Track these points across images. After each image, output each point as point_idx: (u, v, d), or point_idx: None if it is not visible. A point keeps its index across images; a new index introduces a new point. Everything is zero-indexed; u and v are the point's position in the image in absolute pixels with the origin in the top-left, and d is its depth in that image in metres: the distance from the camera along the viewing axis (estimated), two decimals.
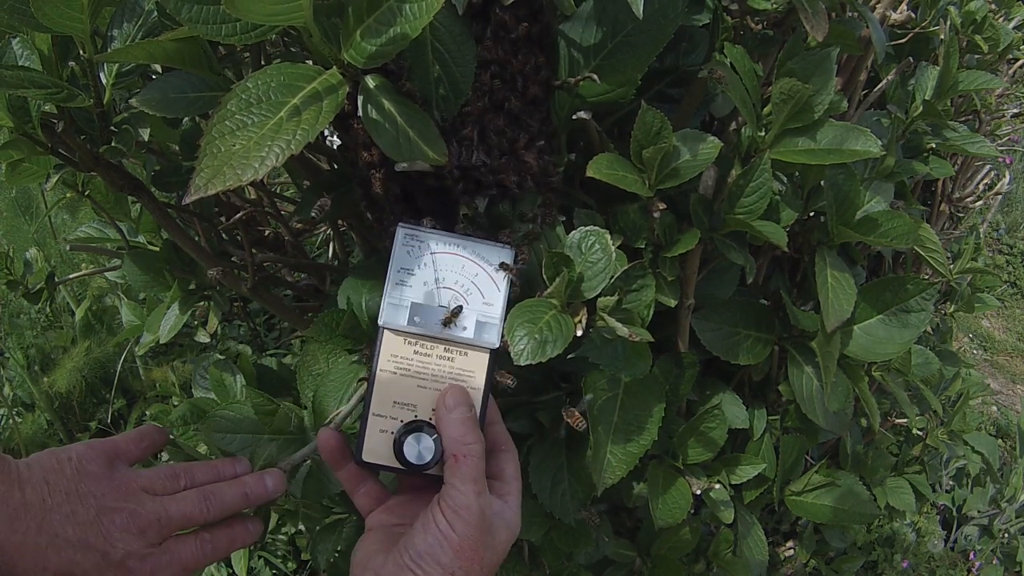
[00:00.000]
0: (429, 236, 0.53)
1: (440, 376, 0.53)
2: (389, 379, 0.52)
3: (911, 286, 0.76)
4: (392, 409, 0.52)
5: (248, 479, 0.55)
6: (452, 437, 0.49)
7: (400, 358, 0.52)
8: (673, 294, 0.67)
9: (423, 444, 0.50)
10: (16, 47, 0.53)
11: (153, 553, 0.48)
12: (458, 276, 0.53)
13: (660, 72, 0.67)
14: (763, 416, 0.89)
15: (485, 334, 0.53)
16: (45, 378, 1.59)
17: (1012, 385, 2.55)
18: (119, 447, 0.53)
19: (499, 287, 0.53)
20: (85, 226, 0.95)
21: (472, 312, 0.53)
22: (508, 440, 0.55)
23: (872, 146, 0.61)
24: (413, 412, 0.52)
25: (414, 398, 0.52)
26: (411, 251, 0.52)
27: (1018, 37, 0.91)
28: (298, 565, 1.45)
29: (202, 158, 0.37)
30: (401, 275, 0.52)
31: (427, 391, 0.52)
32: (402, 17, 0.39)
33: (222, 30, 0.41)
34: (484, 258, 0.53)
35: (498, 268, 0.53)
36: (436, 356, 0.53)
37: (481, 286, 0.53)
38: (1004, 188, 1.27)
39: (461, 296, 0.53)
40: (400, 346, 0.52)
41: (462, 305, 0.53)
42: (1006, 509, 1.70)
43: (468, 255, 0.53)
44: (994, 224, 3.15)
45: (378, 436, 0.52)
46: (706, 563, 0.95)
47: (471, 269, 0.53)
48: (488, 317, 0.53)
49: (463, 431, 0.49)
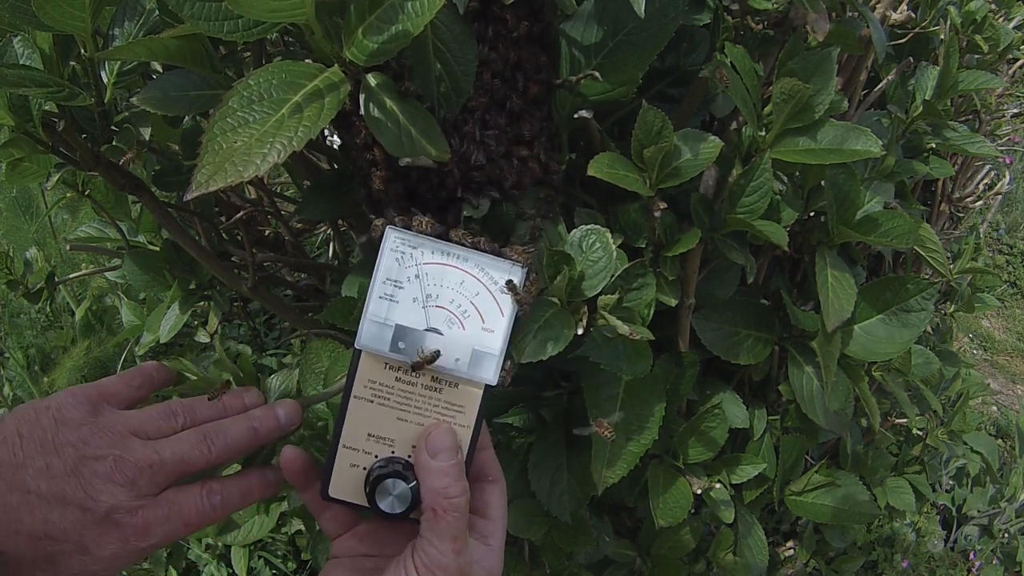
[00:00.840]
0: (424, 243, 0.44)
1: (424, 409, 0.45)
2: (364, 409, 0.45)
3: (911, 286, 0.76)
4: (366, 443, 0.45)
5: (257, 412, 0.47)
6: (433, 488, 0.42)
7: (379, 385, 0.45)
8: (674, 293, 0.67)
9: (398, 491, 0.44)
10: (17, 46, 0.53)
11: (145, 505, 0.41)
12: (455, 294, 0.45)
13: (661, 72, 0.67)
14: (763, 416, 0.89)
15: (481, 368, 0.45)
16: (45, 378, 1.59)
17: (1012, 385, 2.55)
18: (107, 389, 0.45)
19: (503, 311, 0.45)
20: (85, 226, 0.95)
21: (468, 339, 0.45)
22: (497, 469, 0.49)
23: (872, 146, 0.61)
24: (390, 448, 0.45)
25: (392, 432, 0.45)
26: (401, 259, 0.44)
27: (1018, 37, 0.91)
28: (298, 565, 1.45)
29: (203, 155, 0.37)
30: (387, 287, 0.44)
31: (408, 425, 0.45)
32: (404, 15, 0.39)
33: (224, 27, 0.41)
34: (488, 275, 0.45)
35: (504, 289, 0.45)
36: (421, 386, 0.45)
37: (482, 308, 0.45)
38: (1004, 188, 1.28)
39: (457, 319, 0.45)
40: (379, 371, 0.45)
41: (439, 350, 0.44)
42: (1006, 509, 1.70)
43: (469, 269, 0.45)
44: (994, 224, 3.16)
45: (348, 471, 0.45)
46: (706, 563, 0.95)
47: (471, 287, 0.45)
48: (486, 347, 0.45)
49: (445, 483, 0.42)
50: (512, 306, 0.45)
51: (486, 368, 0.45)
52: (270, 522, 1.01)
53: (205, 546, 1.45)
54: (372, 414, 0.45)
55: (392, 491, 0.44)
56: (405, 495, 0.44)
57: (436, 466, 0.43)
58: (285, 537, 1.44)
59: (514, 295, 0.45)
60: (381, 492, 0.44)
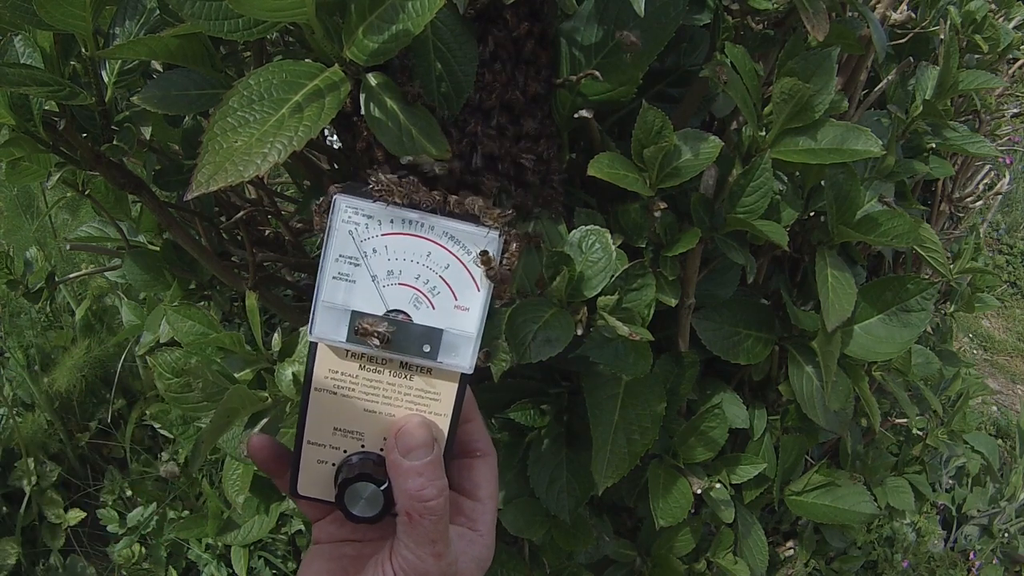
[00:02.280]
0: (381, 212, 0.38)
1: (394, 399, 0.41)
2: (327, 401, 0.41)
3: (911, 286, 0.76)
4: (332, 437, 0.41)
5: None
6: (406, 491, 0.38)
7: (341, 375, 0.40)
8: (674, 293, 0.67)
9: (368, 495, 0.40)
10: (18, 45, 0.53)
11: None
12: (421, 268, 0.39)
13: (661, 72, 0.67)
14: (763, 416, 0.89)
15: (454, 353, 0.40)
16: (45, 378, 1.59)
17: (1012, 385, 2.55)
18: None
19: (478, 285, 0.39)
20: (85, 225, 0.95)
21: (438, 320, 0.39)
22: (486, 441, 0.45)
23: (873, 146, 0.61)
24: (359, 442, 0.41)
25: (360, 424, 0.41)
26: (355, 231, 0.38)
27: (1018, 37, 0.91)
28: (298, 565, 1.45)
29: (204, 154, 0.37)
30: (342, 266, 0.38)
31: (377, 416, 0.41)
32: (404, 14, 0.39)
33: (225, 26, 0.41)
34: (459, 244, 0.39)
35: (477, 259, 0.39)
36: (390, 372, 0.40)
37: (453, 283, 0.39)
38: (1004, 188, 1.28)
39: (424, 297, 0.39)
40: (341, 360, 0.40)
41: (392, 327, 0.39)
42: (1006, 508, 1.70)
43: (437, 239, 0.39)
44: (994, 224, 3.16)
45: (316, 467, 0.42)
46: (706, 563, 0.95)
47: (440, 258, 0.39)
48: (460, 328, 0.39)
49: (420, 484, 0.38)
50: (488, 284, 0.39)
51: (461, 354, 0.40)
52: (270, 522, 1.01)
53: (205, 546, 1.45)
54: (336, 406, 0.41)
55: (362, 495, 0.40)
56: (376, 499, 0.40)
57: (408, 466, 0.39)
58: (285, 537, 1.44)
59: (487, 269, 0.39)
60: (351, 496, 0.40)
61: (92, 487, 1.60)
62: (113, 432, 1.66)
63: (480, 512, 0.44)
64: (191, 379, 0.55)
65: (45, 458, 1.55)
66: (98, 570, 1.48)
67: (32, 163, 0.66)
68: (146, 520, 1.48)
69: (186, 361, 0.58)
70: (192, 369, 0.55)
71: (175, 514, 1.51)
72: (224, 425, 0.52)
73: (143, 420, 1.62)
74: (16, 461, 1.49)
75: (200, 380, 0.55)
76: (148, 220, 0.88)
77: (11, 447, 1.50)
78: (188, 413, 0.60)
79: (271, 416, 0.55)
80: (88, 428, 1.65)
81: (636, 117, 0.57)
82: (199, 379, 0.55)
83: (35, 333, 1.66)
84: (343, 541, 0.45)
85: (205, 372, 0.55)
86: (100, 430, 1.66)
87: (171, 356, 0.59)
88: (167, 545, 1.47)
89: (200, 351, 0.59)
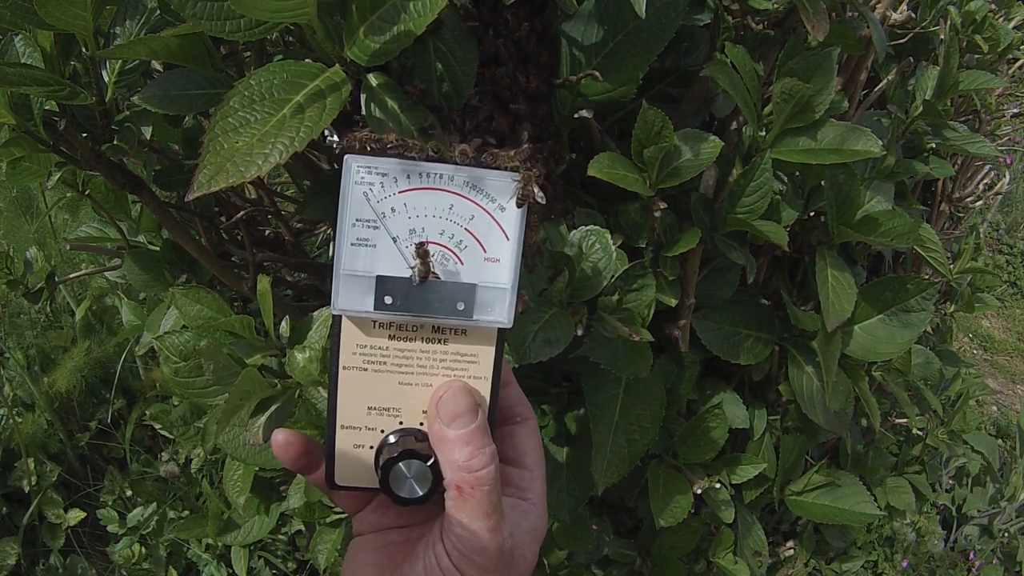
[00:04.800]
0: (396, 166, 0.35)
1: (429, 367, 0.38)
2: (357, 379, 0.38)
3: (911, 286, 0.76)
4: (367, 418, 0.39)
5: None
6: (454, 463, 0.36)
7: (370, 349, 0.38)
8: (674, 294, 0.67)
9: (414, 472, 0.37)
10: (18, 44, 0.53)
11: None
12: (444, 223, 0.36)
13: (661, 72, 0.67)
14: (763, 416, 0.89)
15: (490, 309, 0.37)
16: (45, 378, 1.59)
17: (1012, 385, 2.55)
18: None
19: (507, 233, 0.37)
20: (85, 225, 0.96)
21: (470, 275, 0.37)
22: (526, 405, 0.43)
23: (873, 146, 0.61)
24: (397, 419, 0.39)
25: (395, 400, 0.39)
26: (370, 192, 0.35)
27: (1018, 37, 0.91)
28: (298, 565, 1.45)
29: (205, 155, 0.37)
30: (360, 231, 0.36)
31: (414, 388, 0.39)
32: (406, 15, 0.39)
33: (226, 26, 0.41)
34: (483, 191, 0.36)
35: (506, 205, 0.36)
36: (422, 339, 0.38)
37: (481, 234, 0.37)
38: (1004, 188, 1.28)
39: (451, 253, 0.37)
40: (368, 334, 0.38)
41: (429, 247, 0.36)
42: (1006, 508, 1.70)
43: (458, 189, 0.36)
44: (994, 224, 3.16)
45: (353, 453, 0.39)
46: (706, 563, 0.95)
47: (464, 210, 0.36)
48: (493, 281, 0.37)
49: (468, 453, 0.36)
50: (521, 220, 0.37)
51: (497, 308, 0.37)
52: (270, 522, 1.01)
53: (205, 546, 1.45)
54: (368, 384, 0.38)
55: (408, 474, 0.37)
56: (424, 475, 0.37)
57: (454, 435, 0.36)
58: (285, 537, 1.44)
59: (527, 202, 0.36)
60: (396, 478, 0.37)
61: (92, 487, 1.60)
62: (113, 432, 1.66)
63: (529, 480, 0.41)
64: (203, 361, 0.54)
65: (45, 458, 1.55)
66: (98, 570, 1.48)
67: (32, 163, 0.66)
68: (146, 520, 1.48)
69: (195, 344, 0.57)
70: (205, 350, 0.54)
71: (175, 514, 1.50)
72: (238, 407, 0.51)
73: (143, 420, 1.62)
74: (16, 461, 1.49)
75: (212, 362, 0.54)
76: (148, 220, 0.88)
77: (11, 447, 1.50)
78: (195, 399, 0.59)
79: (281, 403, 0.54)
80: (88, 428, 1.65)
81: (636, 117, 0.57)
82: (211, 361, 0.54)
83: (35, 333, 1.66)
84: (388, 529, 0.42)
85: (217, 353, 0.54)
86: (100, 430, 1.66)
87: (179, 339, 0.58)
88: (167, 545, 1.47)
89: (210, 334, 0.58)
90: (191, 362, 0.57)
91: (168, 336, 0.58)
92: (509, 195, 0.36)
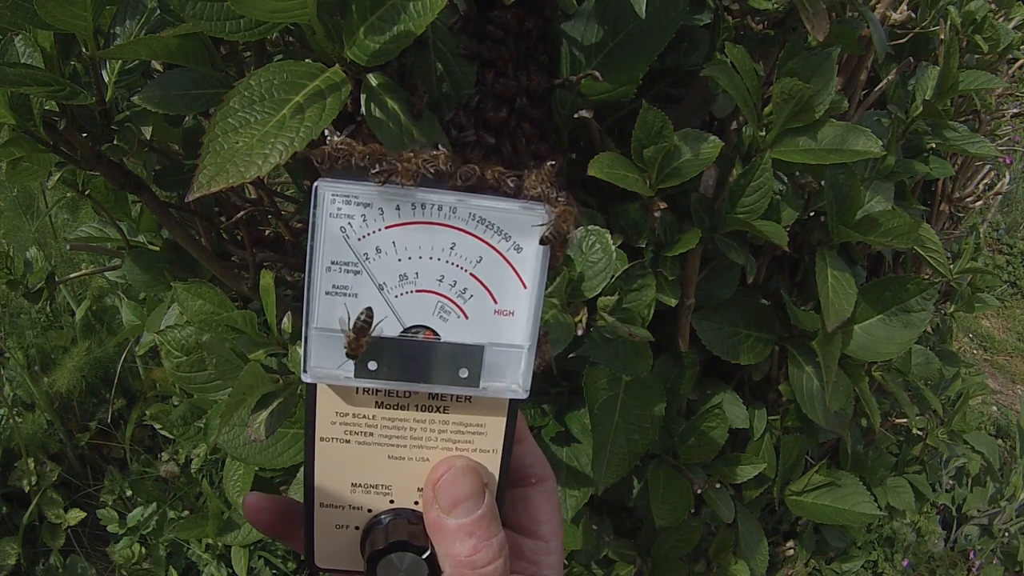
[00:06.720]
0: (380, 197, 0.27)
1: (426, 439, 0.31)
2: (339, 452, 0.31)
3: (911, 286, 0.76)
4: (351, 496, 0.32)
5: None
6: (454, 557, 0.30)
7: (352, 418, 0.31)
8: (674, 294, 0.67)
9: (407, 565, 0.31)
10: (19, 44, 0.53)
11: None
12: (444, 266, 0.28)
13: (661, 72, 0.67)
14: (763, 416, 0.89)
15: (501, 375, 0.30)
16: (45, 378, 1.59)
17: (1012, 385, 2.55)
18: None
19: (525, 279, 0.29)
20: (85, 225, 0.96)
21: (476, 332, 0.29)
22: (543, 464, 0.36)
23: (873, 146, 0.61)
24: (387, 497, 0.32)
25: (385, 476, 0.32)
26: (349, 227, 0.28)
27: (1018, 37, 0.91)
28: (298, 565, 1.45)
29: (205, 155, 0.37)
30: (335, 276, 0.28)
31: (406, 463, 0.31)
32: (406, 15, 0.39)
33: (226, 27, 0.41)
34: (495, 227, 0.28)
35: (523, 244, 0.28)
36: (417, 407, 0.31)
37: (490, 281, 0.29)
38: (1004, 188, 1.28)
39: (452, 304, 0.29)
40: (350, 402, 0.30)
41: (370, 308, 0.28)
42: (1006, 508, 1.70)
43: (462, 224, 0.28)
44: (994, 224, 3.16)
45: (335, 534, 0.32)
46: (706, 563, 0.95)
47: (469, 250, 0.28)
48: (506, 341, 0.29)
49: (472, 546, 0.30)
50: (541, 262, 0.28)
51: (511, 374, 0.30)
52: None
53: (205, 546, 1.45)
54: (352, 458, 0.31)
55: (399, 567, 0.31)
56: (418, 570, 0.31)
57: (455, 525, 0.30)
58: None
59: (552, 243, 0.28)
60: (385, 571, 0.31)
61: (92, 487, 1.60)
62: (113, 432, 1.66)
63: (544, 552, 0.34)
64: (205, 354, 0.54)
65: (45, 458, 1.55)
66: (98, 570, 1.48)
67: (32, 163, 0.66)
68: (146, 520, 1.48)
69: (197, 338, 0.56)
70: (207, 344, 0.54)
71: (175, 514, 1.50)
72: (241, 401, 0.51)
73: (143, 420, 1.61)
74: (16, 461, 1.50)
75: (214, 356, 0.53)
76: (148, 220, 0.88)
77: (11, 447, 1.51)
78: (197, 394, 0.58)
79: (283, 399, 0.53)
80: (88, 428, 1.65)
81: (636, 117, 0.57)
82: (213, 355, 0.53)
83: (35, 333, 1.66)
84: None
85: (220, 347, 0.53)
86: (100, 430, 1.66)
87: (181, 333, 0.58)
88: (167, 545, 1.47)
89: (212, 329, 0.57)
90: (193, 356, 0.56)
91: (170, 330, 0.58)
92: (528, 231, 0.28)
